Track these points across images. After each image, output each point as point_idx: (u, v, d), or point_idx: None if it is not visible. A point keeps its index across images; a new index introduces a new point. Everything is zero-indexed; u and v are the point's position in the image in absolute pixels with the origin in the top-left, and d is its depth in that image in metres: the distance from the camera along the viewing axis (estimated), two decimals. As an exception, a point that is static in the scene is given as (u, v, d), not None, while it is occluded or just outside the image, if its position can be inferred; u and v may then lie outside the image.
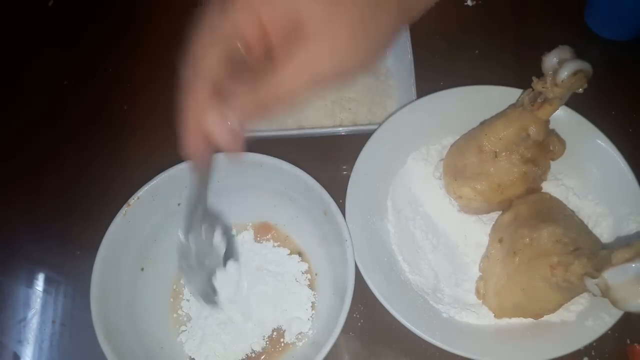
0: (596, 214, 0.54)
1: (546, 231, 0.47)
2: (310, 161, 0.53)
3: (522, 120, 0.51)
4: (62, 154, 0.64)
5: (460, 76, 0.59)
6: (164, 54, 0.68)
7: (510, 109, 0.53)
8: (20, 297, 0.57)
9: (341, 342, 0.53)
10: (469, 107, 0.56)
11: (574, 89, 0.48)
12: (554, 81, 0.48)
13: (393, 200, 0.57)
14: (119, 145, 0.64)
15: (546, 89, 0.48)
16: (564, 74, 0.47)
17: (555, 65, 0.48)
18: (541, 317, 0.49)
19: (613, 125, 0.55)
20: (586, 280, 0.41)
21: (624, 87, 0.65)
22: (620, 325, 0.47)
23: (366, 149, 0.55)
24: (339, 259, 0.50)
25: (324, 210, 0.51)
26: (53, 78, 0.69)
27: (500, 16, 0.71)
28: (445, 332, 0.48)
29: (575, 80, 0.47)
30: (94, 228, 0.51)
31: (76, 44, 0.72)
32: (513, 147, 0.52)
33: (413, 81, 0.59)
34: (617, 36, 0.67)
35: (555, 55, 0.48)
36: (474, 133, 0.55)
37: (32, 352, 0.55)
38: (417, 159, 0.59)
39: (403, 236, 0.55)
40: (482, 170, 0.53)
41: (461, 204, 0.55)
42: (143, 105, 0.66)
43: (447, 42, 0.69)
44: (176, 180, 0.52)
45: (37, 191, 0.63)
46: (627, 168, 0.53)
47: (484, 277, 0.52)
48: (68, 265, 0.58)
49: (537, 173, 0.53)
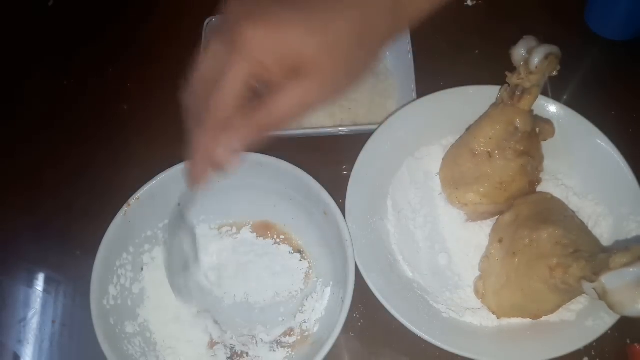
0: (596, 214, 0.54)
1: (546, 232, 0.47)
2: (310, 161, 0.53)
3: (506, 115, 0.52)
4: (62, 154, 0.64)
5: (460, 76, 0.59)
6: (164, 54, 0.69)
7: (492, 108, 0.54)
8: (20, 297, 0.57)
9: (341, 342, 0.53)
10: (469, 107, 0.56)
11: (549, 73, 0.49)
12: (528, 70, 0.49)
13: (393, 200, 0.57)
14: (119, 145, 0.64)
15: (522, 80, 0.50)
16: (536, 60, 0.48)
17: (525, 56, 0.49)
18: (540, 317, 0.49)
19: (613, 125, 0.55)
20: (584, 283, 0.41)
21: (624, 87, 0.65)
22: (620, 325, 0.47)
23: (366, 149, 0.55)
24: (339, 259, 0.50)
25: (324, 210, 0.51)
26: (53, 78, 0.69)
27: (500, 16, 0.71)
28: (445, 332, 0.48)
29: (549, 64, 0.49)
30: (94, 228, 0.51)
31: (76, 44, 0.72)
32: (504, 143, 0.52)
33: (413, 81, 0.59)
34: (617, 36, 0.67)
35: (522, 46, 0.50)
36: (463, 140, 0.55)
37: (32, 352, 0.55)
38: (417, 158, 0.58)
39: (403, 236, 0.55)
40: (481, 173, 0.53)
41: (468, 211, 0.55)
42: (143, 106, 0.66)
43: (447, 42, 0.69)
44: (176, 180, 0.52)
45: (37, 191, 0.63)
46: (627, 168, 0.53)
47: (484, 277, 0.52)
48: (68, 265, 0.58)
49: (533, 164, 0.54)
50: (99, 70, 0.70)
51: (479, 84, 0.57)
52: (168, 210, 0.54)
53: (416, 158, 0.58)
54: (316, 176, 0.51)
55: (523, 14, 0.70)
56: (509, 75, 0.51)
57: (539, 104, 0.54)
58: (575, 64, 0.67)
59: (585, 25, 0.69)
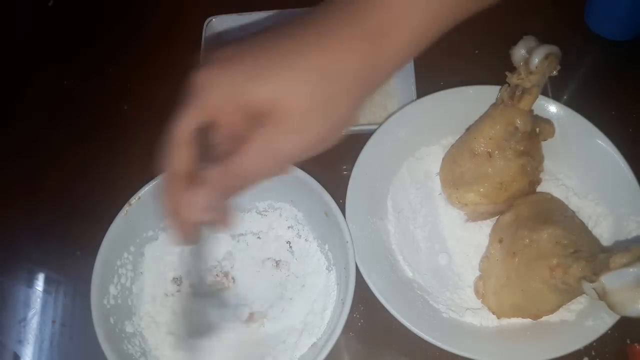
0: (596, 214, 0.54)
1: (546, 232, 0.47)
2: (310, 161, 0.53)
3: (506, 116, 0.52)
4: (63, 155, 0.64)
5: (460, 76, 0.59)
6: (164, 54, 0.69)
7: (492, 109, 0.53)
8: (20, 297, 0.57)
9: (341, 342, 0.53)
10: (469, 107, 0.56)
11: (549, 73, 0.49)
12: (528, 70, 0.49)
13: (393, 200, 0.57)
14: (120, 145, 0.64)
15: (522, 80, 0.50)
16: (536, 60, 0.48)
17: (524, 56, 0.49)
18: (540, 317, 0.49)
19: (613, 125, 0.55)
20: (584, 284, 0.41)
21: (624, 87, 0.65)
22: (620, 325, 0.47)
23: (366, 149, 0.55)
24: (340, 259, 0.50)
25: (324, 211, 0.51)
26: (53, 79, 0.69)
27: (500, 16, 0.71)
28: (445, 332, 0.48)
29: (548, 64, 0.49)
30: (94, 228, 0.51)
31: (77, 44, 0.72)
32: (504, 143, 0.52)
33: (413, 81, 0.59)
34: (617, 36, 0.67)
35: (522, 46, 0.50)
36: (463, 140, 0.55)
37: (32, 352, 0.55)
38: (417, 158, 0.59)
39: (403, 236, 0.55)
40: (481, 173, 0.53)
41: (468, 211, 0.55)
42: (144, 106, 0.66)
43: (447, 42, 0.68)
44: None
45: (37, 191, 0.62)
46: (627, 168, 0.53)
47: (484, 277, 0.52)
48: (68, 266, 0.58)
49: (533, 164, 0.54)
50: (100, 71, 0.70)
51: (479, 84, 0.57)
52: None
53: (416, 158, 0.59)
54: (316, 176, 0.51)
55: (523, 14, 0.70)
56: (509, 75, 0.51)
57: (539, 104, 0.54)
58: (575, 64, 0.66)
59: (585, 25, 0.69)
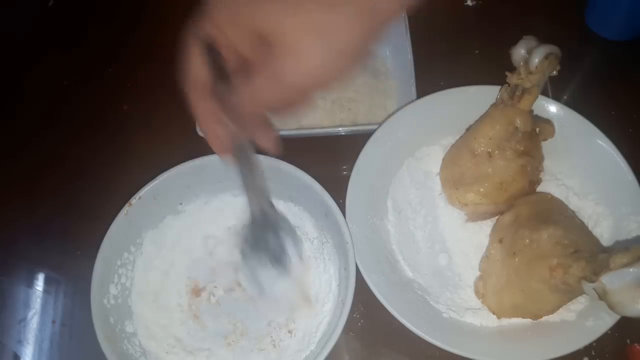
0: (596, 214, 0.54)
1: (546, 232, 0.47)
2: (310, 161, 0.53)
3: (506, 116, 0.52)
4: (63, 154, 0.64)
5: (460, 76, 0.59)
6: (164, 54, 0.69)
7: (492, 108, 0.54)
8: (20, 297, 0.57)
9: (341, 342, 0.53)
10: (469, 107, 0.56)
11: (549, 73, 0.49)
12: (528, 70, 0.49)
13: (393, 200, 0.57)
14: (119, 145, 0.64)
15: (522, 80, 0.50)
16: (536, 60, 0.48)
17: (524, 56, 0.49)
18: (540, 317, 0.49)
19: (613, 125, 0.55)
20: (584, 284, 0.41)
21: (624, 87, 0.65)
22: (620, 325, 0.47)
23: (366, 149, 0.55)
24: (340, 259, 0.50)
25: (324, 212, 0.51)
26: (53, 78, 0.69)
27: (500, 16, 0.71)
28: (445, 332, 0.48)
29: (548, 64, 0.49)
30: (94, 228, 0.51)
31: (76, 44, 0.72)
32: (505, 143, 0.52)
33: (413, 81, 0.59)
34: (617, 36, 0.67)
35: (522, 46, 0.50)
36: (463, 140, 0.56)
37: (32, 352, 0.55)
38: (417, 159, 0.59)
39: (403, 236, 0.55)
40: (481, 173, 0.53)
41: (468, 211, 0.55)
42: (144, 106, 0.66)
43: (447, 42, 0.69)
44: (178, 180, 0.52)
45: (37, 191, 0.62)
46: (627, 168, 0.53)
47: (484, 277, 0.52)
48: (68, 265, 0.58)
49: (533, 164, 0.54)
50: (99, 71, 0.70)
51: (479, 84, 0.57)
52: (169, 210, 0.54)
53: (416, 158, 0.59)
54: (316, 176, 0.51)
55: (523, 14, 0.70)
56: (509, 75, 0.51)
57: (539, 104, 0.54)
58: (575, 64, 0.67)
59: (585, 25, 0.69)
